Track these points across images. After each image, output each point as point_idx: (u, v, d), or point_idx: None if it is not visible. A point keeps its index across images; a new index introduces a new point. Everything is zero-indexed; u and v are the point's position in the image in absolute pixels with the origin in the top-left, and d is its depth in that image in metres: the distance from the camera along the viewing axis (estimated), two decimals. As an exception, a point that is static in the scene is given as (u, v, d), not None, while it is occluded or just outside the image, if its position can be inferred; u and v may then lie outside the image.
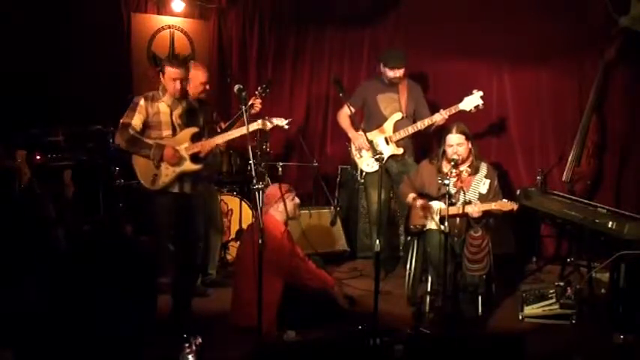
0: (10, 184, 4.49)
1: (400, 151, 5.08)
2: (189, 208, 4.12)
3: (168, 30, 6.13)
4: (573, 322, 4.18)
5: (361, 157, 5.14)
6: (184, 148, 4.06)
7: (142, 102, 4.00)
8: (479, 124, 5.65)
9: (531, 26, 5.76)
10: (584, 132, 5.59)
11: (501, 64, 5.98)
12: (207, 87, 4.73)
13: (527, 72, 5.92)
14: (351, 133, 5.19)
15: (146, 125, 4.01)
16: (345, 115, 5.23)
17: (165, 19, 6.12)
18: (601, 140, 5.70)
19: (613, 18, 5.38)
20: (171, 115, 4.05)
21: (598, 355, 3.77)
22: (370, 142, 4.97)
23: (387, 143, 5.09)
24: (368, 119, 5.23)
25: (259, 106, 4.72)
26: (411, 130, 5.01)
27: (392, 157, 5.10)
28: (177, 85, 4.02)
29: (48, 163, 5.00)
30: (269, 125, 4.30)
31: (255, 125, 4.27)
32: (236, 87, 3.67)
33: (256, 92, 4.76)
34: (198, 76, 4.65)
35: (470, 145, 4.40)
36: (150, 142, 3.98)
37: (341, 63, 6.46)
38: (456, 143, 4.33)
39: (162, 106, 4.04)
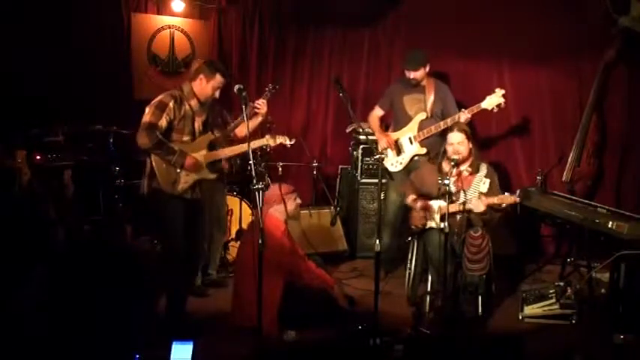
0: (10, 184, 4.49)
1: (424, 150, 5.05)
2: (197, 212, 4.10)
3: (168, 30, 6.13)
4: (573, 322, 4.18)
5: (386, 156, 5.14)
6: (202, 155, 4.04)
7: (171, 104, 3.88)
8: (479, 124, 5.66)
9: (531, 26, 5.77)
10: (584, 132, 5.59)
11: (501, 64, 5.98)
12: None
13: (527, 72, 5.92)
14: (377, 133, 5.22)
15: (169, 127, 3.91)
16: (375, 116, 5.28)
17: (165, 19, 6.12)
18: (601, 140, 5.70)
19: (613, 18, 5.39)
20: (193, 120, 4.02)
21: (598, 355, 3.76)
22: (395, 142, 5.05)
23: (411, 143, 5.09)
24: (396, 120, 5.26)
25: (263, 107, 4.67)
26: (434, 129, 4.99)
27: (417, 156, 5.08)
28: (217, 94, 4.03)
29: (48, 163, 5.00)
30: (274, 142, 4.38)
31: (260, 142, 4.38)
32: (236, 87, 3.66)
33: (266, 90, 4.76)
34: None
35: (470, 145, 4.40)
36: (175, 147, 3.90)
37: (341, 63, 6.46)
38: (457, 142, 4.33)
39: (188, 110, 3.97)
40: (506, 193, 4.24)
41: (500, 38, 5.90)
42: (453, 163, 4.20)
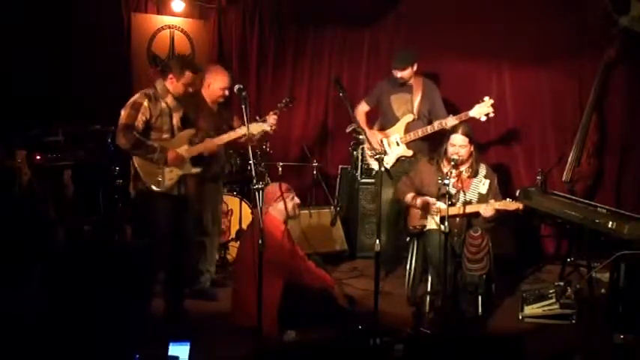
0: (10, 184, 4.50)
1: (410, 152, 5.06)
2: (184, 210, 4.11)
3: (168, 30, 6.12)
4: (573, 322, 4.18)
5: (372, 156, 5.12)
6: (184, 150, 4.05)
7: (145, 102, 3.91)
8: (479, 124, 5.63)
9: (531, 26, 5.76)
10: (584, 132, 5.59)
11: (501, 65, 5.97)
12: (227, 93, 4.58)
13: (527, 72, 5.92)
14: (366, 131, 5.19)
15: (147, 126, 3.94)
16: (361, 112, 5.28)
17: (165, 19, 6.12)
18: (601, 140, 5.70)
19: (613, 18, 5.39)
20: (171, 117, 4.03)
21: (598, 355, 3.77)
22: (381, 142, 5.04)
23: (398, 144, 5.09)
24: (383, 119, 5.27)
25: (274, 122, 4.56)
26: (420, 133, 4.99)
27: (402, 157, 5.08)
28: (189, 89, 4.01)
29: (48, 163, 5.00)
30: (255, 131, 4.29)
31: (242, 132, 4.26)
32: (236, 87, 3.66)
33: (279, 106, 4.69)
34: (219, 81, 4.55)
35: (471, 148, 4.40)
36: (154, 145, 3.93)
37: (341, 63, 6.46)
38: (459, 144, 4.33)
39: (165, 107, 3.99)
40: (507, 199, 4.24)
41: (500, 38, 5.90)
42: (452, 163, 4.21)
